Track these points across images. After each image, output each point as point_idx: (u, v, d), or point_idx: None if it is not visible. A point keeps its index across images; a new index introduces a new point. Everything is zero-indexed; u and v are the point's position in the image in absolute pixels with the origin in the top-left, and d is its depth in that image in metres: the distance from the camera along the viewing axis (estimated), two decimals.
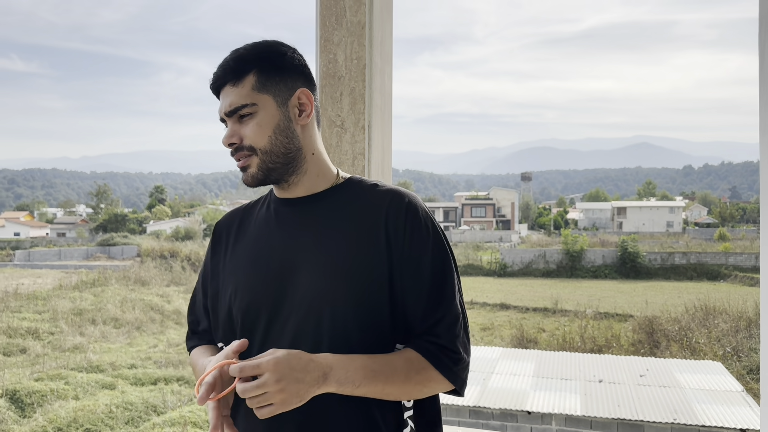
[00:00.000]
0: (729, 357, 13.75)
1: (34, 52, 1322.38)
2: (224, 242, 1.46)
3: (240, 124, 1.32)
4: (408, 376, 1.25)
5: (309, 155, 1.36)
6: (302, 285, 1.28)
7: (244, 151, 1.31)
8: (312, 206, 1.36)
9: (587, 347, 15.23)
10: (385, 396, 1.25)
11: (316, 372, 1.17)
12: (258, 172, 1.32)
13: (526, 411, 7.39)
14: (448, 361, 1.28)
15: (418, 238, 1.30)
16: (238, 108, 1.30)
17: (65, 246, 52.25)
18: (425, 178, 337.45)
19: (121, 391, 10.97)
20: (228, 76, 1.32)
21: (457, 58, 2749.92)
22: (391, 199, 1.33)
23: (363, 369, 1.21)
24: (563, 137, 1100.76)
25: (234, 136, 1.32)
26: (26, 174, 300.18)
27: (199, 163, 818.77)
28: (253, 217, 1.45)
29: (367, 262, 1.28)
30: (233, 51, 1.34)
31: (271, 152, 1.31)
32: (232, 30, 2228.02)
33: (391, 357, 1.26)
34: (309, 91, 1.36)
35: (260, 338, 1.30)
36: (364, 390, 1.22)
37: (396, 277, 1.29)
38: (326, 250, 1.30)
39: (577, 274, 35.65)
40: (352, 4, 2.07)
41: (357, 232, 1.30)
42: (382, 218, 1.31)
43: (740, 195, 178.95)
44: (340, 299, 1.25)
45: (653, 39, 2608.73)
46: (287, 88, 1.33)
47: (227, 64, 1.32)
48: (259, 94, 1.30)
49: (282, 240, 1.34)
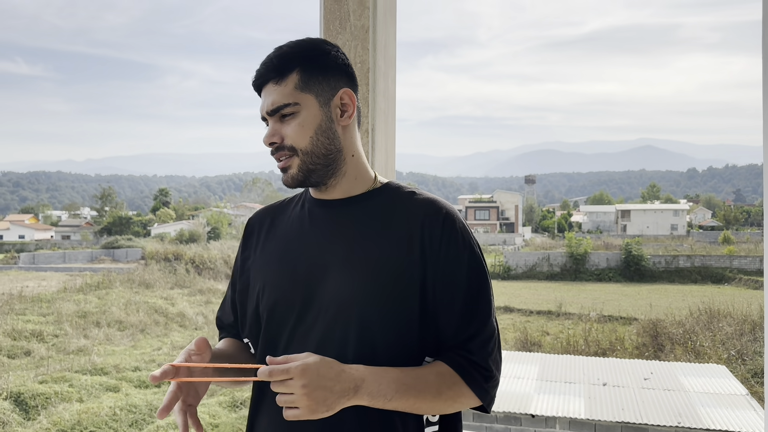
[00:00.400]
0: (733, 360, 13.70)
1: (38, 56, 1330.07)
2: (255, 238, 1.45)
3: (281, 123, 1.30)
4: (439, 391, 1.22)
5: (349, 157, 1.34)
6: (331, 286, 1.27)
7: (285, 151, 1.30)
8: (347, 209, 1.34)
9: (591, 350, 15.19)
10: (416, 410, 1.23)
11: (347, 383, 1.15)
12: (298, 173, 1.31)
13: (530, 414, 7.37)
14: (479, 377, 1.25)
15: (455, 251, 1.28)
16: (280, 107, 1.29)
17: (70, 249, 52.33)
18: (429, 180, 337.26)
19: (125, 394, 10.98)
20: (271, 74, 1.30)
21: (461, 61, 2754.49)
22: (429, 208, 1.31)
23: (395, 383, 1.19)
24: (567, 140, 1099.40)
25: (275, 136, 1.30)
26: (31, 177, 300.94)
27: (204, 166, 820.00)
28: (286, 215, 1.43)
29: (399, 269, 1.26)
30: (277, 48, 1.33)
31: (311, 153, 1.29)
32: (235, 33, 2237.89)
33: (423, 371, 1.24)
34: (351, 91, 1.34)
35: (286, 337, 1.29)
36: (396, 404, 1.20)
37: (429, 288, 1.27)
38: (358, 253, 1.28)
39: (581, 277, 35.59)
40: (355, 8, 2.08)
41: (391, 238, 1.29)
42: (418, 227, 1.29)
43: (744, 198, 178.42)
44: (369, 303, 1.24)
45: (657, 42, 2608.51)
46: (330, 88, 1.31)
47: (270, 61, 1.30)
48: (302, 93, 1.29)
49: (314, 240, 1.33)
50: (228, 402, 10.02)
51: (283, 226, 1.41)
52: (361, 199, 1.35)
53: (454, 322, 1.27)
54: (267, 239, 1.42)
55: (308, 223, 1.36)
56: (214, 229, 56.11)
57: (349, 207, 1.34)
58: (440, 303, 1.27)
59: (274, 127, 1.30)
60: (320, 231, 1.34)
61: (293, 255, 1.34)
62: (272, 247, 1.39)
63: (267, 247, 1.41)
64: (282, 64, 1.29)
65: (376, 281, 1.25)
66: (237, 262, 1.49)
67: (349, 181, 1.35)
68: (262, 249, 1.41)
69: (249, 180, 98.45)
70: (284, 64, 1.29)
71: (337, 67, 1.33)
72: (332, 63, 1.32)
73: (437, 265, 1.27)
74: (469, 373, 1.25)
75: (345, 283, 1.26)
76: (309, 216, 1.37)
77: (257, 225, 1.47)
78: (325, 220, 1.34)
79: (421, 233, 1.28)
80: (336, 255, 1.29)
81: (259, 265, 1.40)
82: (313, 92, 1.29)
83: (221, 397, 10.38)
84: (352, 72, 1.36)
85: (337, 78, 1.32)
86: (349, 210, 1.34)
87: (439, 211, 1.31)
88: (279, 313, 1.31)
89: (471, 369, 1.25)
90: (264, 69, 1.31)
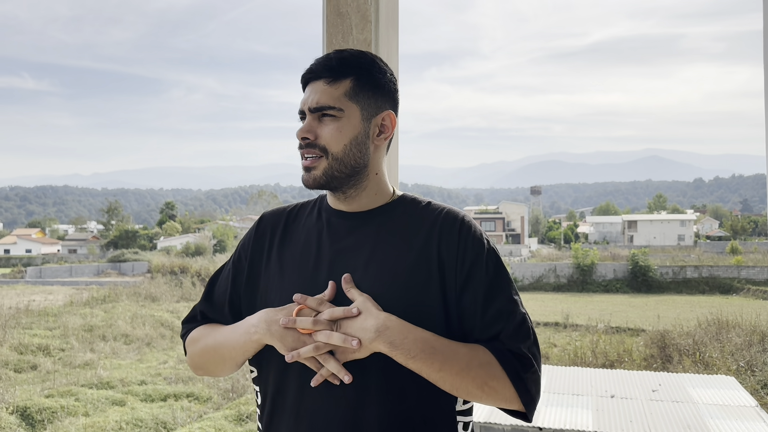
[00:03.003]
0: (742, 371, 13.59)
1: (45, 71, 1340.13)
2: (268, 241, 1.43)
3: (320, 122, 1.31)
4: (469, 365, 1.20)
5: (372, 174, 1.36)
6: (350, 299, 1.26)
7: (316, 149, 1.30)
8: (366, 221, 1.35)
9: (599, 362, 15.09)
10: (440, 381, 1.20)
11: (369, 323, 1.19)
12: (322, 176, 1.31)
13: (538, 427, 7.32)
14: (516, 362, 1.22)
15: (472, 254, 1.29)
16: (324, 107, 1.29)
17: (76, 262, 52.54)
18: (434, 192, 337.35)
19: (131, 408, 10.96)
20: (327, 73, 1.31)
21: (464, 73, 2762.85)
22: (445, 216, 1.33)
23: (422, 342, 1.19)
24: (572, 151, 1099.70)
25: (310, 132, 1.30)
26: (38, 191, 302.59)
27: (209, 179, 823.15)
28: (300, 222, 1.43)
29: (418, 278, 1.27)
30: (337, 51, 1.34)
31: (341, 160, 1.30)
32: (239, 47, 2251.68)
33: (455, 343, 1.23)
34: (395, 115, 1.36)
35: None
36: (419, 365, 1.19)
37: (450, 296, 1.27)
38: (377, 264, 1.29)
39: (588, 288, 35.46)
40: (358, 21, 2.09)
41: (409, 248, 1.29)
42: (435, 236, 1.30)
43: (752, 208, 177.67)
44: (389, 313, 1.23)
45: (660, 52, 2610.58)
46: (376, 105, 1.33)
47: (330, 60, 1.31)
48: (350, 101, 1.30)
49: (332, 251, 1.33)
50: (234, 416, 9.99)
51: (299, 233, 1.40)
52: (379, 212, 1.36)
53: (479, 322, 1.26)
54: (282, 245, 1.40)
55: (326, 234, 1.36)
56: (220, 242, 56.30)
57: (368, 219, 1.35)
58: (463, 308, 1.27)
59: (311, 124, 1.31)
60: (338, 242, 1.34)
61: (310, 265, 1.34)
62: (288, 254, 1.38)
63: (282, 253, 1.39)
64: (340, 67, 1.30)
65: (394, 292, 1.26)
66: (242, 257, 1.44)
67: (368, 196, 1.36)
68: (277, 255, 1.39)
69: (255, 193, 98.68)
70: (342, 68, 1.30)
71: (388, 89, 1.35)
72: (385, 83, 1.34)
73: (456, 273, 1.27)
74: (504, 356, 1.22)
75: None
76: (327, 226, 1.37)
77: (270, 227, 1.44)
78: (344, 232, 1.35)
79: (439, 240, 1.29)
80: (355, 266, 1.29)
81: (273, 271, 1.38)
82: (360, 104, 1.31)
83: (227, 411, 10.35)
84: (398, 99, 1.38)
85: (385, 98, 1.34)
86: (367, 222, 1.35)
87: (455, 220, 1.32)
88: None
89: (507, 353, 1.23)
90: (320, 66, 1.32)
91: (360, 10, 2.08)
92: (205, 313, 1.48)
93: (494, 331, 1.25)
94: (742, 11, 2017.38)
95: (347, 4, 2.09)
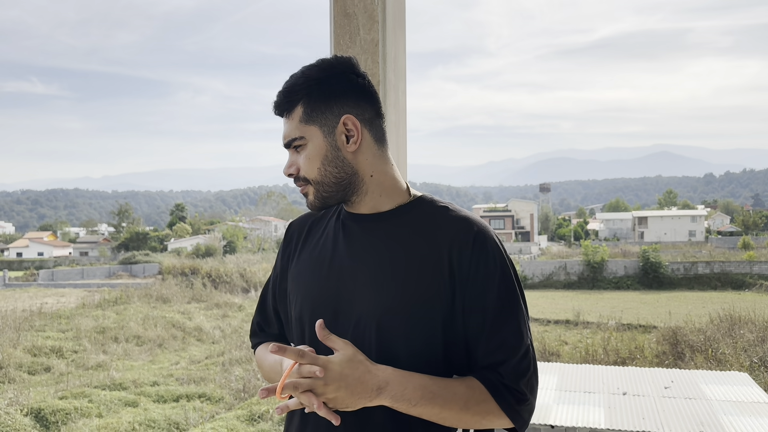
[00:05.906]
0: (756, 367, 13.49)
1: (53, 75, 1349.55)
2: (293, 245, 1.48)
3: (297, 154, 1.33)
4: (467, 404, 1.21)
5: (367, 177, 1.33)
6: (358, 300, 1.28)
7: (301, 181, 1.33)
8: (378, 224, 1.34)
9: (610, 359, 15.03)
10: (441, 420, 1.22)
11: (370, 384, 1.16)
12: (315, 200, 1.34)
13: (550, 425, 7.30)
14: (511, 398, 1.23)
15: (485, 271, 1.26)
16: (291, 141, 1.32)
17: (88, 265, 52.88)
18: (443, 191, 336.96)
19: (144, 409, 11.02)
20: (279, 109, 1.33)
21: (471, 71, 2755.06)
22: (461, 225, 1.30)
23: (421, 389, 1.19)
24: (581, 147, 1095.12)
25: (292, 167, 1.34)
26: (49, 194, 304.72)
27: (219, 180, 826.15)
28: (322, 224, 1.45)
29: (426, 284, 1.25)
30: (288, 79, 1.33)
31: (322, 183, 1.31)
32: (245, 49, 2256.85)
33: (452, 382, 1.23)
34: (353, 116, 1.29)
35: (314, 346, 1.31)
36: (420, 410, 1.19)
37: (457, 310, 1.26)
38: (386, 267, 1.28)
39: (598, 286, 35.27)
40: (365, 22, 2.09)
41: (420, 253, 1.28)
42: (448, 245, 1.27)
43: (763, 202, 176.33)
44: (392, 319, 1.24)
45: (668, 47, 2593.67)
46: (333, 116, 1.29)
47: (279, 97, 1.33)
48: (306, 126, 1.29)
49: (345, 252, 1.34)
50: (246, 416, 10.02)
51: (317, 235, 1.43)
52: (391, 215, 1.34)
53: (483, 347, 1.25)
54: (303, 248, 1.44)
55: (341, 235, 1.37)
56: (230, 242, 56.48)
57: (379, 222, 1.34)
58: (469, 327, 1.26)
59: (291, 159, 1.35)
60: (351, 244, 1.35)
61: (324, 265, 1.36)
62: (306, 255, 1.42)
63: (302, 255, 1.43)
64: (288, 99, 1.31)
65: (400, 295, 1.25)
66: (277, 267, 1.51)
67: (374, 198, 1.35)
68: (298, 257, 1.44)
69: (264, 193, 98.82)
70: (289, 98, 1.31)
71: (341, 91, 1.30)
72: (336, 89, 1.29)
73: (466, 288, 1.26)
74: (500, 392, 1.23)
75: (370, 297, 1.27)
76: (342, 228, 1.38)
77: (296, 232, 1.49)
78: (357, 234, 1.35)
79: (450, 252, 1.26)
80: (364, 269, 1.30)
81: (295, 273, 1.43)
82: (317, 123, 1.29)
83: (239, 411, 10.38)
84: (360, 90, 1.32)
85: (341, 104, 1.29)
86: (379, 225, 1.34)
87: (470, 230, 1.28)
88: (303, 323, 1.35)
89: (502, 389, 1.23)
90: (275, 105, 1.34)
91: (367, 11, 2.08)
92: (261, 326, 1.56)
93: (495, 361, 1.24)
94: (750, 5, 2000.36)
95: (354, 5, 2.09)
